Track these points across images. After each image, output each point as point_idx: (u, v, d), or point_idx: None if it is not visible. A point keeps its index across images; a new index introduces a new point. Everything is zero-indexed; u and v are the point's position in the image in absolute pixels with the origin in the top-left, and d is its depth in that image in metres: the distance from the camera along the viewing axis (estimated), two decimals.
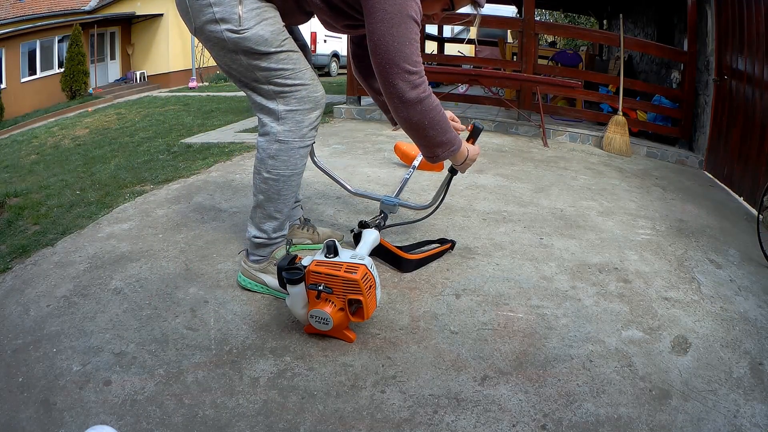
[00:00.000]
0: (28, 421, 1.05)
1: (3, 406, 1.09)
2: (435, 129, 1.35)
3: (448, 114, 1.73)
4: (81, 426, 1.03)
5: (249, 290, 1.55)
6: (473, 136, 1.68)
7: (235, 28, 1.29)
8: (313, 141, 1.47)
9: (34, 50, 12.93)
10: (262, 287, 1.54)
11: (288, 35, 1.38)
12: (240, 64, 1.36)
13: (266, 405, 1.11)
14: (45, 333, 1.33)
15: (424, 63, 1.37)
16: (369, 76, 1.72)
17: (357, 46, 1.69)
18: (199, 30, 1.34)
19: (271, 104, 1.39)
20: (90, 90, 13.10)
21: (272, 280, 1.51)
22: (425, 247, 1.83)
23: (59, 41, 13.37)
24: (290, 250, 1.55)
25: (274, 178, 1.44)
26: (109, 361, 1.23)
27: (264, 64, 1.34)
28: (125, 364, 1.22)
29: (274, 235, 1.51)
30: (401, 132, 1.47)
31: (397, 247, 1.71)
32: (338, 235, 1.88)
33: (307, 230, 1.82)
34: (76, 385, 1.15)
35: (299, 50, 1.40)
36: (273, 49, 1.33)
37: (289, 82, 1.37)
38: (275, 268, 1.40)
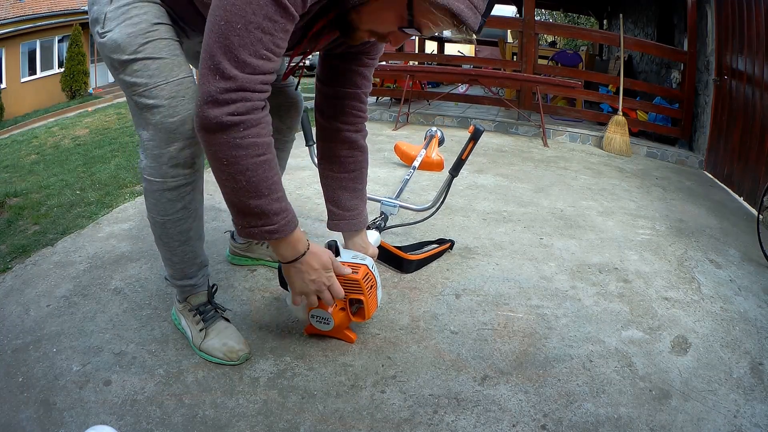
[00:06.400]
0: (28, 421, 1.05)
1: (3, 406, 1.09)
2: (243, 183, 0.91)
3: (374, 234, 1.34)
4: (81, 426, 1.02)
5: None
6: (474, 138, 1.67)
7: (100, 31, 1.06)
8: (182, 182, 1.12)
9: (34, 50, 12.96)
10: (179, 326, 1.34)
11: (154, 37, 1.04)
12: (114, 77, 1.11)
13: (266, 405, 1.11)
14: (45, 333, 1.33)
15: (423, 63, 1.12)
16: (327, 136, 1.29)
17: (321, 82, 1.27)
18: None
19: (139, 129, 1.10)
20: (90, 90, 13.12)
21: (187, 329, 1.29)
22: (425, 248, 1.83)
23: (59, 41, 13.39)
24: (214, 292, 1.34)
25: (150, 221, 1.19)
26: (109, 361, 1.23)
27: (121, 76, 1.07)
28: (125, 364, 1.22)
29: (177, 282, 1.27)
30: (401, 132, 1.34)
31: (397, 248, 1.71)
32: None
33: (268, 247, 1.65)
34: (76, 385, 1.15)
35: (168, 56, 1.05)
36: (126, 57, 1.03)
37: (143, 101, 1.05)
38: (190, 315, 1.28)
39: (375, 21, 0.95)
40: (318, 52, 1.21)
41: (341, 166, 1.31)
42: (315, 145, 1.47)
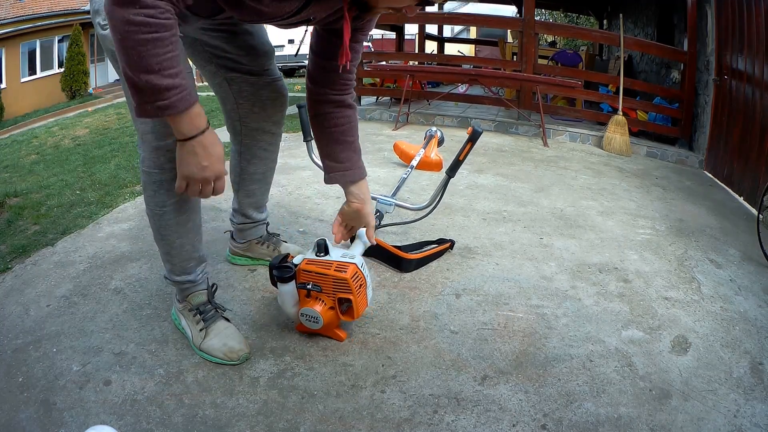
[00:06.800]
0: (28, 421, 1.05)
1: (3, 406, 1.09)
2: (135, 58, 0.89)
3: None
4: (81, 426, 1.02)
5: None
6: (472, 140, 1.67)
7: (102, 22, 1.08)
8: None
9: (34, 50, 12.96)
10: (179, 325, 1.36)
11: None
12: (115, 69, 1.11)
13: (266, 405, 1.11)
14: (45, 333, 1.33)
15: (423, 63, 1.21)
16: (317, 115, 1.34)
17: (315, 54, 1.31)
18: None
19: (136, 122, 1.13)
20: (90, 90, 13.12)
21: (187, 329, 1.30)
22: (425, 248, 1.83)
23: (59, 41, 13.39)
24: (214, 291, 1.35)
25: (149, 214, 1.22)
26: (109, 361, 1.23)
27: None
28: (125, 364, 1.22)
29: (175, 279, 1.29)
30: (401, 132, 1.36)
31: (397, 247, 1.71)
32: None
33: (268, 247, 1.66)
34: (76, 385, 1.15)
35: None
36: None
37: None
38: (190, 314, 1.29)
39: (392, 0, 1.04)
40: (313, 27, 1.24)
41: (331, 121, 1.34)
42: (313, 141, 1.48)
